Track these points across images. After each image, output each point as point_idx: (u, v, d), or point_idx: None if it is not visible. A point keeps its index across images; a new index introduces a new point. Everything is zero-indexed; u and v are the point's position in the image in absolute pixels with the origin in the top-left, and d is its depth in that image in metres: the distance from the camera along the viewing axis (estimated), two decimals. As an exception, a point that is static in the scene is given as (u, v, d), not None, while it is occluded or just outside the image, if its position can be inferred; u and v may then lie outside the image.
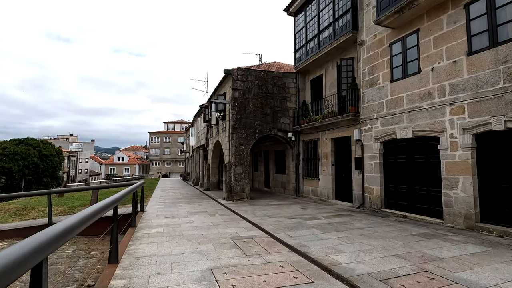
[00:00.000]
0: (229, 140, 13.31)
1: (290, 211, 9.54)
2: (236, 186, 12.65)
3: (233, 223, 7.61)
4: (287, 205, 10.98)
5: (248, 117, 13.07)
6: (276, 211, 9.59)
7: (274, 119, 13.58)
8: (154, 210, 9.97)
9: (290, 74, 14.16)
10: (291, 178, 14.37)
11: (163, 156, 63.78)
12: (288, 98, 13.99)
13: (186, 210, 9.95)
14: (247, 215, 8.78)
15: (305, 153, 13.56)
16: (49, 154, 47.36)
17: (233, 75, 12.97)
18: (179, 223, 7.69)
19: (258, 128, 13.22)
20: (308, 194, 13.07)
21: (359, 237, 5.92)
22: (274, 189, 16.38)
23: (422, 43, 7.69)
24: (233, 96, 12.90)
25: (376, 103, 9.14)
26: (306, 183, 13.25)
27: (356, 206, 9.79)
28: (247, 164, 12.99)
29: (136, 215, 7.23)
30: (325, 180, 11.83)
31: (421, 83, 7.65)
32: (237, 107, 12.90)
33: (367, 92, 9.55)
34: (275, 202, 11.92)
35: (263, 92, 13.45)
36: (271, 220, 7.93)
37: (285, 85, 13.99)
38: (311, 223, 7.51)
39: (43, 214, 10.72)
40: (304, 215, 8.63)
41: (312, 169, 12.89)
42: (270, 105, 13.56)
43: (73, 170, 62.34)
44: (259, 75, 13.46)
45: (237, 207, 10.53)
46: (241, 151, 12.86)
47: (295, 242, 5.61)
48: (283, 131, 13.74)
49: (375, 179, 9.12)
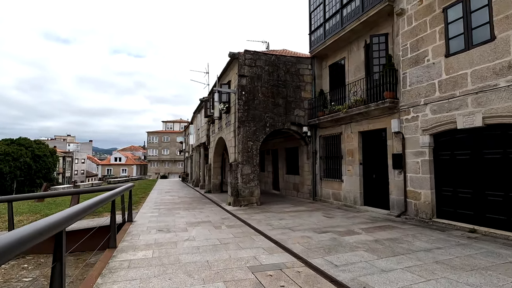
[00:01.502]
0: (234, 136, 11.43)
1: (313, 220, 7.66)
2: (244, 189, 10.76)
3: (247, 241, 5.72)
4: (307, 212, 9.08)
5: (257, 108, 11.18)
6: (297, 220, 7.71)
7: (286, 111, 11.69)
8: (145, 220, 8.07)
9: (304, 60, 12.28)
10: (305, 179, 12.48)
11: (161, 157, 61.83)
12: (302, 87, 12.11)
13: (185, 220, 8.06)
14: (262, 227, 6.89)
15: (323, 150, 11.67)
16: (42, 154, 45.42)
17: (240, 59, 11.08)
18: (176, 240, 5.79)
19: (268, 121, 11.33)
20: (327, 198, 11.18)
21: (438, 268, 4.03)
22: (284, 191, 14.49)
23: (496, 1, 5.82)
24: (240, 83, 11.02)
25: (424, 85, 7.26)
26: (325, 185, 11.36)
27: (395, 214, 7.91)
28: (256, 163, 11.11)
29: (116, 232, 5.32)
30: (350, 181, 9.94)
31: (496, 54, 5.77)
32: (244, 97, 11.01)
33: (410, 73, 7.68)
34: (290, 208, 10.03)
35: (274, 79, 11.56)
36: (296, 235, 6.04)
37: (299, 71, 12.11)
38: (351, 240, 5.62)
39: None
40: (334, 227, 6.75)
41: (333, 168, 11.00)
42: (282, 95, 11.67)
43: (69, 171, 60.34)
44: (269, 60, 11.58)
45: (247, 215, 8.64)
46: (249, 148, 10.97)
47: (348, 278, 3.72)
48: (297, 124, 11.86)
49: (422, 181, 7.24)
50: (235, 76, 11.60)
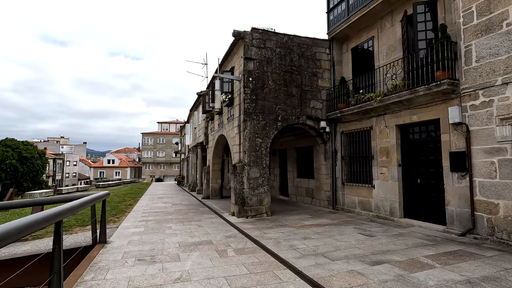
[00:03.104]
0: (239, 132, 9.48)
1: (350, 241, 5.70)
2: (251, 196, 8.78)
3: (269, 281, 3.74)
4: (334, 226, 7.13)
5: (267, 99, 9.24)
6: (328, 241, 5.75)
7: (301, 102, 9.77)
8: (124, 241, 6.05)
9: (322, 42, 10.38)
10: (322, 184, 10.54)
11: (156, 159, 59.55)
12: (319, 75, 10.20)
13: (178, 239, 6.06)
14: (284, 253, 4.92)
15: (345, 149, 9.75)
16: (30, 156, 42.96)
17: (246, 39, 9.14)
18: (161, 282, 3.79)
19: (280, 114, 9.40)
20: (352, 207, 9.24)
21: None
22: (295, 197, 12.53)
23: None
24: (247, 68, 9.08)
25: (503, 58, 5.37)
26: (349, 191, 9.42)
27: (458, 232, 5.98)
28: (266, 165, 9.15)
29: (60, 278, 3.28)
30: (384, 187, 8.02)
31: None
32: (252, 84, 9.07)
33: (478, 44, 5.79)
34: (310, 220, 8.07)
35: (286, 64, 9.65)
36: (340, 270, 4.08)
37: (315, 56, 10.20)
38: (429, 280, 3.68)
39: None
40: (386, 254, 4.80)
41: (359, 171, 9.07)
42: (297, 83, 9.75)
43: (60, 174, 57.83)
44: (281, 41, 9.66)
45: (259, 232, 6.66)
46: (257, 146, 9.02)
47: None
48: (314, 119, 9.93)
49: (501, 189, 5.33)
50: (240, 61, 9.67)
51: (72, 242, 5.96)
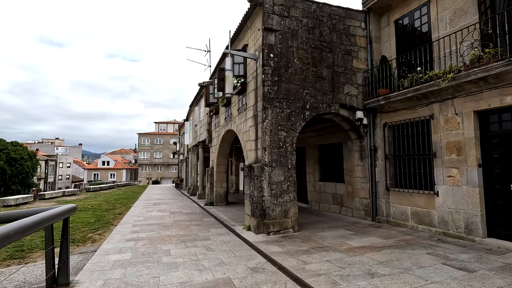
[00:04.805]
0: (255, 124, 7.48)
1: (448, 283, 3.69)
2: (274, 206, 6.75)
3: None
4: (398, 251, 5.10)
5: (293, 81, 7.24)
6: (409, 279, 3.73)
7: (333, 86, 7.78)
8: (99, 280, 3.99)
9: (356, 14, 8.40)
10: (357, 189, 8.54)
11: (153, 160, 57.28)
12: (354, 53, 8.22)
13: (181, 278, 4.00)
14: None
15: (390, 145, 7.75)
16: (19, 157, 40.63)
17: (266, 5, 7.14)
18: None
19: (309, 101, 7.39)
20: (402, 219, 7.22)
21: None
22: (317, 205, 10.52)
23: None
24: (267, 41, 7.06)
25: None
26: (397, 199, 7.41)
27: None
28: (292, 166, 7.17)
29: None
30: (455, 195, 6.01)
31: None
32: (273, 62, 7.06)
33: None
34: (355, 239, 6.04)
35: (315, 39, 7.65)
36: None
37: (349, 30, 8.22)
38: None
39: None
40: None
41: (413, 173, 7.06)
42: (328, 63, 7.76)
43: (52, 176, 55.39)
44: (308, 10, 7.67)
45: (295, 261, 4.62)
46: (281, 142, 7.02)
47: None
48: (349, 108, 7.94)
49: None
50: (256, 35, 7.68)
51: (17, 284, 3.89)
